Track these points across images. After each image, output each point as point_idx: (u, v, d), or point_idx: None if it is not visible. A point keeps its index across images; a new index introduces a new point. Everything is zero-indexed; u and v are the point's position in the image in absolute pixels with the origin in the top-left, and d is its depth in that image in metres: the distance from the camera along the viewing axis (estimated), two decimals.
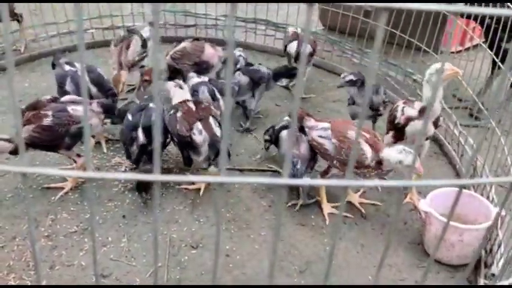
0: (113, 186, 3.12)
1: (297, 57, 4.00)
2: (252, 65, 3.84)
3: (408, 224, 3.01)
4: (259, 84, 3.69)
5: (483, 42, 3.79)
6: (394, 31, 4.15)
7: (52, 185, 3.06)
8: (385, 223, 2.99)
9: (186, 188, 3.12)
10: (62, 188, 3.04)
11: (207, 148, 2.93)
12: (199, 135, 2.89)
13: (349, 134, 2.80)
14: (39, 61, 4.52)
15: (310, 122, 2.97)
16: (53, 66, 3.52)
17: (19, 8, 4.57)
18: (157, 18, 0.71)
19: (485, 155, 3.01)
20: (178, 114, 2.95)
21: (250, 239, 2.80)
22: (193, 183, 3.11)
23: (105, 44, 4.79)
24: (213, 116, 2.99)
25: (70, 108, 2.92)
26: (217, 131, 2.94)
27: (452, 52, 4.48)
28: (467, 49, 4.54)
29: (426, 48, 4.00)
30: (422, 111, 2.92)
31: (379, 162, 2.71)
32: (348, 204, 3.03)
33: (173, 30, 4.97)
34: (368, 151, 2.73)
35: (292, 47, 4.02)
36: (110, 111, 3.17)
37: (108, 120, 3.28)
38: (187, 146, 2.95)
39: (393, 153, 2.66)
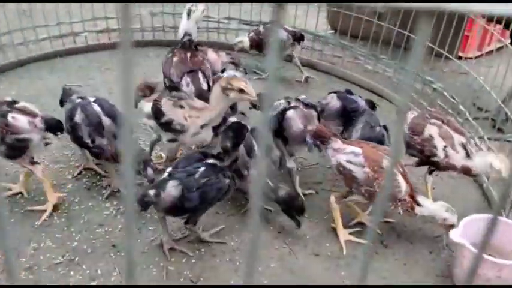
0: (104, 209, 2.80)
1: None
2: (351, 93, 3.25)
3: (435, 253, 2.69)
4: (350, 117, 3.08)
5: (510, 43, 3.47)
6: (412, 35, 3.84)
7: (35, 208, 2.74)
8: (408, 252, 2.67)
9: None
10: (45, 211, 2.72)
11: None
12: (186, 87, 3.05)
13: (384, 164, 2.49)
14: (27, 66, 4.20)
15: (336, 144, 2.64)
16: (61, 103, 2.99)
17: (9, 6, 4.27)
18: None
19: None
20: (175, 59, 3.16)
21: (258, 273, 2.47)
22: None
23: (100, 47, 4.50)
24: (202, 70, 3.12)
25: (10, 116, 2.59)
26: (204, 86, 3.06)
27: (470, 58, 4.15)
28: (490, 53, 4.21)
29: (448, 55, 3.69)
30: (466, 172, 2.72)
31: (413, 198, 2.51)
32: (364, 229, 2.71)
33: (172, 33, 4.66)
34: (403, 184, 2.49)
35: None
36: (55, 129, 2.72)
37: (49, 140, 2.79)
38: (174, 89, 2.99)
39: (438, 208, 2.54)
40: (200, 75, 3.18)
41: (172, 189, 2.37)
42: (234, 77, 2.77)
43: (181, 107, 2.76)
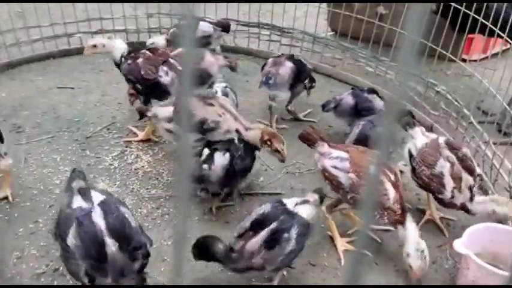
0: None
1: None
2: (373, 92, 3.26)
3: (437, 263, 2.56)
4: (361, 116, 3.08)
5: None
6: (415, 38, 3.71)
7: None
8: None
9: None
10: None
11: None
12: (166, 77, 3.05)
13: (371, 170, 2.35)
14: (20, 68, 4.10)
15: (323, 148, 2.52)
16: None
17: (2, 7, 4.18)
18: None
19: None
20: (140, 60, 3.09)
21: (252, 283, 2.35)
22: None
23: None
24: (172, 58, 3.12)
25: None
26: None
27: (475, 60, 4.03)
28: (495, 55, 4.08)
29: (452, 57, 3.56)
30: (465, 210, 2.56)
31: (403, 212, 2.35)
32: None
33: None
34: (391, 192, 2.34)
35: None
36: None
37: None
38: (154, 90, 3.05)
39: (412, 243, 2.33)
40: (173, 61, 3.14)
41: (221, 159, 2.61)
42: (276, 136, 2.71)
43: (212, 105, 2.76)
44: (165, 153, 3.21)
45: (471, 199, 2.51)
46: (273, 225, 2.16)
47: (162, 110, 2.92)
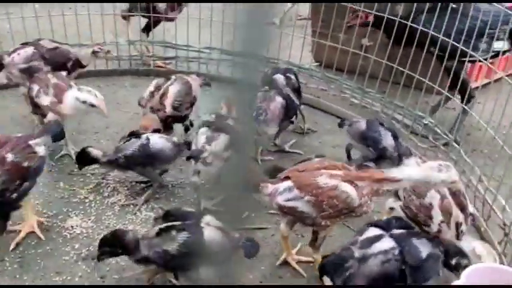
0: (63, 254, 2.49)
1: None
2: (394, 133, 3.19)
3: None
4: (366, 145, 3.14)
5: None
6: (402, 69, 3.68)
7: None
8: None
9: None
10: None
11: None
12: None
13: (321, 182, 2.27)
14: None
15: (267, 189, 2.39)
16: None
17: None
18: None
19: None
20: None
21: None
22: None
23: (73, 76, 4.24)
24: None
25: None
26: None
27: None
28: (476, 89, 4.04)
29: (440, 89, 3.52)
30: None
31: (378, 180, 2.26)
32: None
33: (150, 62, 4.44)
34: (351, 191, 2.24)
35: None
36: None
37: None
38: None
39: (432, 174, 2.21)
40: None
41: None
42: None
43: None
44: (144, 185, 3.04)
45: (457, 237, 2.40)
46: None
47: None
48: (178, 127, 3.41)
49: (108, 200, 2.89)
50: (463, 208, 2.44)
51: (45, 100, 3.04)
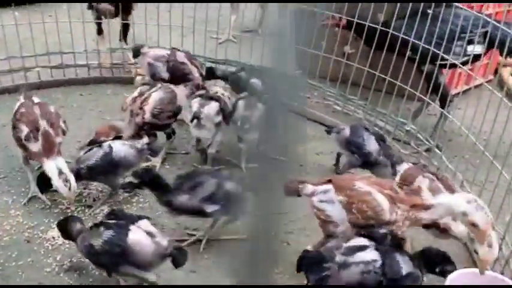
0: (45, 266, 2.45)
1: None
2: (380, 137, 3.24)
3: None
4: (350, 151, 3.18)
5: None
6: (384, 76, 3.71)
7: None
8: None
9: None
10: None
11: None
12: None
13: (357, 185, 2.30)
14: None
15: (307, 189, 2.42)
16: None
17: None
18: None
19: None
20: None
21: None
22: None
23: (54, 84, 4.20)
24: None
25: None
26: None
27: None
28: (457, 95, 4.11)
29: (421, 96, 3.56)
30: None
31: (415, 206, 2.25)
32: None
33: (133, 70, 4.40)
34: (384, 202, 2.24)
35: None
36: None
37: None
38: None
39: (459, 200, 2.18)
40: None
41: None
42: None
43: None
44: (127, 195, 3.01)
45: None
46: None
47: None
48: (161, 135, 3.38)
49: (90, 210, 2.85)
50: (452, 191, 2.50)
51: (34, 147, 2.80)
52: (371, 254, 2.18)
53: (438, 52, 3.38)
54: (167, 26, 4.24)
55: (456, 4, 3.54)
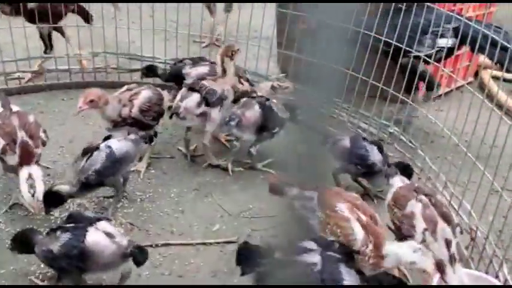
0: (30, 274, 2.41)
1: None
2: (379, 145, 3.17)
3: None
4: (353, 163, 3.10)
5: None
6: (366, 79, 3.74)
7: None
8: None
9: None
10: None
11: None
12: None
13: (339, 208, 2.27)
14: None
15: (292, 191, 2.40)
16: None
17: None
18: None
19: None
20: None
21: None
22: None
23: (34, 89, 4.14)
24: None
25: None
26: None
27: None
28: (439, 97, 4.16)
29: (404, 98, 3.60)
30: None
31: (377, 250, 2.21)
32: None
33: (116, 74, 4.37)
34: (359, 233, 2.21)
35: None
36: None
37: None
38: None
39: (406, 250, 2.16)
40: None
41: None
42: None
43: None
44: (112, 200, 2.98)
45: (450, 259, 2.30)
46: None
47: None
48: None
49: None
50: (448, 221, 2.39)
51: (11, 160, 2.71)
52: (313, 258, 2.11)
53: (399, 46, 3.46)
54: (150, 30, 4.22)
55: (429, 4, 3.62)
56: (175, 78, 3.68)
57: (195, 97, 3.22)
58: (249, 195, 3.14)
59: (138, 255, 2.27)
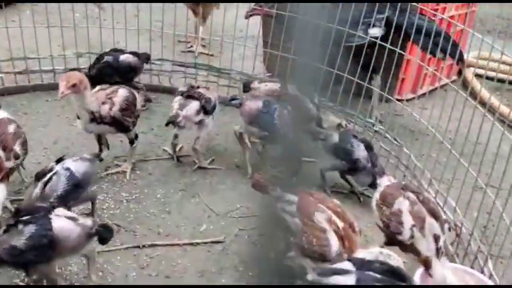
0: (13, 277, 2.38)
1: None
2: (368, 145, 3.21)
3: None
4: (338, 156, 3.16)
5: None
6: (352, 78, 3.76)
7: None
8: None
9: None
10: None
11: None
12: None
13: (316, 218, 2.27)
14: None
15: (276, 192, 2.41)
16: None
17: None
18: None
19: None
20: None
21: None
22: None
23: (18, 90, 4.09)
24: None
25: None
26: None
27: (401, 100, 4.08)
28: (423, 95, 4.20)
29: (389, 97, 3.63)
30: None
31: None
32: None
33: None
34: (334, 244, 2.22)
35: None
36: None
37: None
38: None
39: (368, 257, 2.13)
40: None
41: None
42: None
43: None
44: (103, 199, 2.96)
45: (437, 253, 2.32)
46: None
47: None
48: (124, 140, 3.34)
49: None
50: (436, 217, 2.41)
51: None
52: (348, 280, 2.06)
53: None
54: (135, 30, 4.19)
55: None
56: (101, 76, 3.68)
57: (195, 105, 3.23)
58: (236, 195, 3.14)
59: (103, 232, 2.29)
